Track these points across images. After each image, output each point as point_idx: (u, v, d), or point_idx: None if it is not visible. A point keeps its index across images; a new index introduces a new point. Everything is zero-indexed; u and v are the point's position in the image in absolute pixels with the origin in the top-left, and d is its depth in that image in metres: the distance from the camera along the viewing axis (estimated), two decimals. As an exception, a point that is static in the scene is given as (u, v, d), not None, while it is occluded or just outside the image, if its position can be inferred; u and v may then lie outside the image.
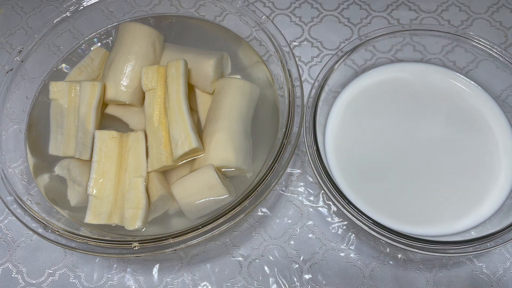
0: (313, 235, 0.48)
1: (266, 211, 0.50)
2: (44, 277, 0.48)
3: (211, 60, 0.47)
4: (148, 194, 0.44)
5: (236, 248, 0.48)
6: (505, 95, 0.49)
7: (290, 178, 0.51)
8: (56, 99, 0.48)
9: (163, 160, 0.44)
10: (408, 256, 0.47)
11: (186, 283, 0.47)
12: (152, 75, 0.46)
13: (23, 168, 0.47)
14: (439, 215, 0.45)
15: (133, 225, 0.42)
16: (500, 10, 0.60)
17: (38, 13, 0.63)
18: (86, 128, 0.46)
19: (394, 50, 0.53)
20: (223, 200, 0.43)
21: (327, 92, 0.49)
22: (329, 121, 0.50)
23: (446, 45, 0.51)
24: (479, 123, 0.48)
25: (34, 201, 0.44)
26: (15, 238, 0.50)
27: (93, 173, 0.44)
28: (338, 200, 0.42)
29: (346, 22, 0.60)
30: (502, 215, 0.44)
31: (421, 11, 0.60)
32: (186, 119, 0.44)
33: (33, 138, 0.49)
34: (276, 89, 0.50)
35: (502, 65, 0.48)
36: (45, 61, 0.52)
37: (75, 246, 0.41)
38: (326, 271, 0.47)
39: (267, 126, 0.48)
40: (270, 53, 0.50)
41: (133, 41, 0.48)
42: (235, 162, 0.44)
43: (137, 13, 0.56)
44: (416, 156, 0.47)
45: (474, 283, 0.46)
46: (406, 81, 0.51)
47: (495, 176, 0.46)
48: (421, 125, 0.49)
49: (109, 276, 0.48)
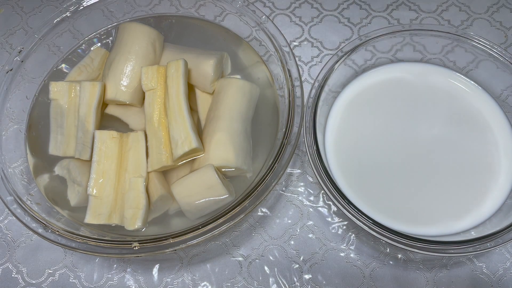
0: (313, 235, 0.48)
1: (266, 211, 0.50)
2: (44, 277, 0.48)
3: (211, 60, 0.47)
4: (148, 194, 0.44)
5: (236, 248, 0.48)
6: (505, 95, 0.49)
7: (290, 178, 0.51)
8: (56, 99, 0.48)
9: (163, 160, 0.44)
10: (408, 256, 0.47)
11: (186, 283, 0.47)
12: (152, 75, 0.46)
13: (23, 168, 0.47)
14: (439, 215, 0.45)
15: (133, 225, 0.42)
16: (500, 10, 0.60)
17: (38, 13, 0.63)
18: (86, 128, 0.46)
19: (394, 50, 0.53)
20: (223, 200, 0.43)
21: (327, 92, 0.49)
22: (329, 121, 0.50)
23: (446, 45, 0.51)
24: (479, 123, 0.48)
25: (34, 201, 0.44)
26: (15, 238, 0.50)
27: (93, 173, 0.44)
28: (338, 200, 0.42)
29: (346, 22, 0.60)
30: (502, 215, 0.44)
31: (421, 11, 0.60)
32: (186, 119, 0.44)
33: (33, 138, 0.49)
34: (276, 89, 0.50)
35: (502, 65, 0.48)
36: (45, 61, 0.52)
37: (75, 246, 0.41)
38: (326, 271, 0.47)
39: (267, 126, 0.48)
40: (270, 53, 0.50)
41: (133, 41, 0.48)
42: (235, 162, 0.44)
43: (137, 13, 0.56)
44: (416, 156, 0.47)
45: (474, 283, 0.46)
46: (406, 81, 0.51)
47: (495, 176, 0.46)
48: (421, 125, 0.49)
49: (109, 276, 0.48)
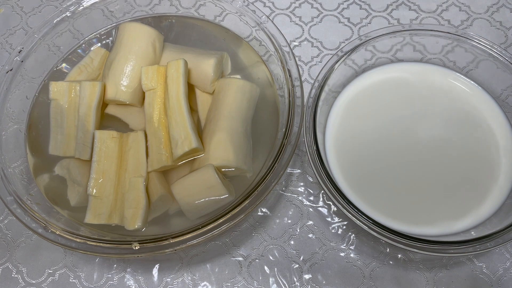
0: (313, 235, 0.48)
1: (266, 211, 0.50)
2: (44, 277, 0.48)
3: (211, 60, 0.47)
4: (148, 194, 0.44)
5: (236, 248, 0.48)
6: (505, 95, 0.49)
7: (290, 178, 0.51)
8: (56, 99, 0.48)
9: (163, 160, 0.44)
10: (408, 256, 0.47)
11: (186, 283, 0.47)
12: (152, 75, 0.46)
13: (23, 168, 0.47)
14: (439, 215, 0.45)
15: (133, 225, 0.42)
16: (500, 10, 0.60)
17: (38, 13, 0.63)
18: (86, 128, 0.46)
19: (394, 50, 0.53)
20: (223, 200, 0.43)
21: (327, 92, 0.49)
22: (329, 121, 0.50)
23: (446, 45, 0.51)
24: (479, 123, 0.48)
25: (34, 201, 0.44)
26: (15, 238, 0.50)
27: (93, 173, 0.44)
28: (338, 200, 0.42)
29: (346, 22, 0.60)
30: (502, 215, 0.44)
31: (421, 11, 0.60)
32: (186, 119, 0.44)
33: (33, 138, 0.49)
34: (276, 89, 0.50)
35: (502, 65, 0.48)
36: (45, 61, 0.52)
37: (75, 246, 0.41)
38: (326, 271, 0.47)
39: (267, 126, 0.48)
40: (270, 53, 0.50)
41: (133, 41, 0.48)
42: (235, 162, 0.44)
43: (137, 13, 0.56)
44: (416, 156, 0.47)
45: (474, 283, 0.46)
46: (406, 81, 0.51)
47: (495, 176, 0.46)
48: (421, 125, 0.49)
49: (109, 276, 0.48)
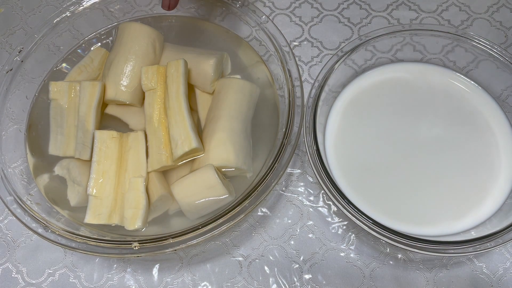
0: (313, 235, 0.48)
1: (266, 211, 0.50)
2: (44, 277, 0.48)
3: (211, 60, 0.47)
4: (148, 194, 0.44)
5: (236, 248, 0.48)
6: (505, 95, 0.49)
7: (290, 178, 0.51)
8: (56, 99, 0.48)
9: (163, 160, 0.44)
10: (408, 256, 0.47)
11: (186, 283, 0.47)
12: (152, 75, 0.46)
13: (23, 168, 0.47)
14: (439, 215, 0.45)
15: (133, 225, 0.42)
16: (500, 10, 0.60)
17: (38, 13, 0.63)
18: (86, 128, 0.46)
19: (394, 50, 0.53)
20: (223, 200, 0.43)
21: (327, 92, 0.49)
22: (329, 121, 0.50)
23: (446, 45, 0.51)
24: (479, 123, 0.48)
25: (34, 201, 0.44)
26: (15, 238, 0.50)
27: (93, 173, 0.44)
28: (338, 200, 0.42)
29: (346, 22, 0.60)
30: (502, 215, 0.44)
31: (421, 11, 0.60)
32: (186, 119, 0.44)
33: (33, 138, 0.49)
34: (276, 89, 0.50)
35: (502, 65, 0.48)
36: (45, 61, 0.52)
37: (75, 246, 0.41)
38: (326, 271, 0.47)
39: (267, 126, 0.48)
40: (270, 53, 0.50)
41: (133, 41, 0.48)
42: (235, 162, 0.44)
43: (137, 13, 0.56)
44: (416, 156, 0.47)
45: (474, 283, 0.46)
46: (406, 81, 0.51)
47: (495, 176, 0.46)
48: (421, 125, 0.49)
49: (109, 276, 0.48)
